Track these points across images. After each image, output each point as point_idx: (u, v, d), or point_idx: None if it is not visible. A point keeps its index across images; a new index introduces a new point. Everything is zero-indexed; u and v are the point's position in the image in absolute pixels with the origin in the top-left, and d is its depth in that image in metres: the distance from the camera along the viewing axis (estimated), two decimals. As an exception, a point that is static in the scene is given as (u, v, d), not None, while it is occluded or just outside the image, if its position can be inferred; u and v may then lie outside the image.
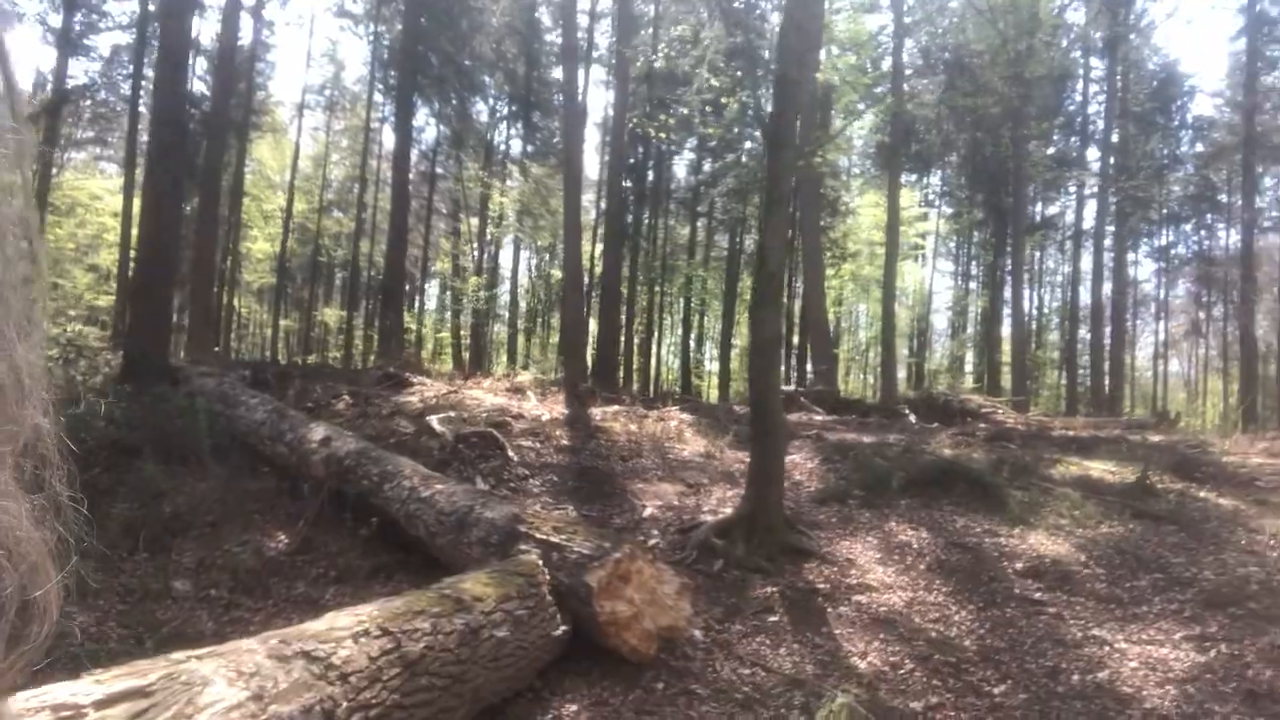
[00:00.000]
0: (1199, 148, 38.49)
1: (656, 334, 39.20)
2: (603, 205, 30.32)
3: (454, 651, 4.21)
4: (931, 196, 42.37)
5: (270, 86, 40.63)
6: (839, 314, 44.87)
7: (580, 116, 17.93)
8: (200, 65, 29.67)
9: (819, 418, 16.47)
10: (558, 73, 30.07)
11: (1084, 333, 35.98)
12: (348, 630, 3.73)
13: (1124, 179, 33.72)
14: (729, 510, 7.66)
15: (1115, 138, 35.09)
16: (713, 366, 43.73)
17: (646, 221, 38.83)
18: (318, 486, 7.53)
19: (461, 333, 38.80)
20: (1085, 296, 37.36)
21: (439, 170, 37.71)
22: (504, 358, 32.84)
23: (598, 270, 28.26)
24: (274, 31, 35.01)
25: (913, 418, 17.10)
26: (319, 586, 6.62)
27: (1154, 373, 43.10)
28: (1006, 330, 44.33)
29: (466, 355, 33.41)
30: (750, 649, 5.85)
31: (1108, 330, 32.70)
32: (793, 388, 20.94)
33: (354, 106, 39.12)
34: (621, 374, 31.72)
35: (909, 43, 29.91)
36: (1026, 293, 43.24)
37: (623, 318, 29.43)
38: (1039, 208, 39.66)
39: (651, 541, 7.39)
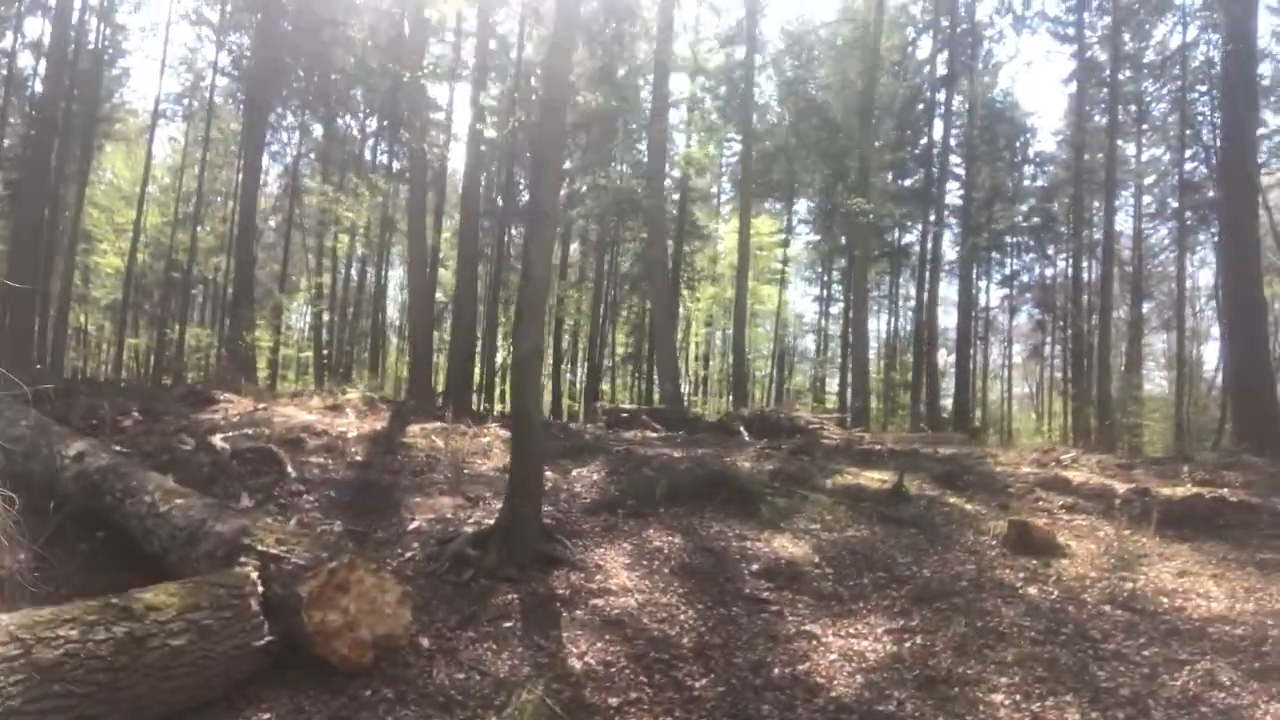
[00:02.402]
0: (1040, 182, 41.04)
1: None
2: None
3: (106, 659, 4.21)
4: (795, 223, 43.83)
5: (125, 95, 39.07)
6: (708, 335, 45.91)
7: (421, 134, 17.91)
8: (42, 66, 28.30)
9: (652, 435, 16.78)
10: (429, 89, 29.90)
11: (947, 355, 37.84)
12: (-34, 637, 3.70)
13: (974, 209, 35.65)
14: (492, 522, 7.79)
15: (963, 171, 37.10)
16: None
17: (518, 242, 38.88)
18: (61, 503, 7.33)
19: (324, 350, 37.98)
20: (944, 321, 39.30)
21: (309, 183, 36.93)
22: (365, 375, 32.24)
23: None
24: (127, 37, 33.57)
25: (746, 434, 17.59)
26: (45, 606, 6.44)
27: (1001, 395, 45.35)
28: (872, 353, 46.16)
29: (327, 372, 32.68)
30: (473, 654, 5.98)
31: (945, 355, 34.35)
32: (635, 406, 21.31)
33: (213, 117, 37.96)
34: (482, 395, 31.60)
35: (761, 76, 31.04)
36: (885, 317, 45.17)
37: (479, 339, 29.33)
38: (896, 235, 41.49)
39: (409, 554, 7.46)
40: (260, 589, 5.60)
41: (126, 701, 4.30)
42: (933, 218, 34.35)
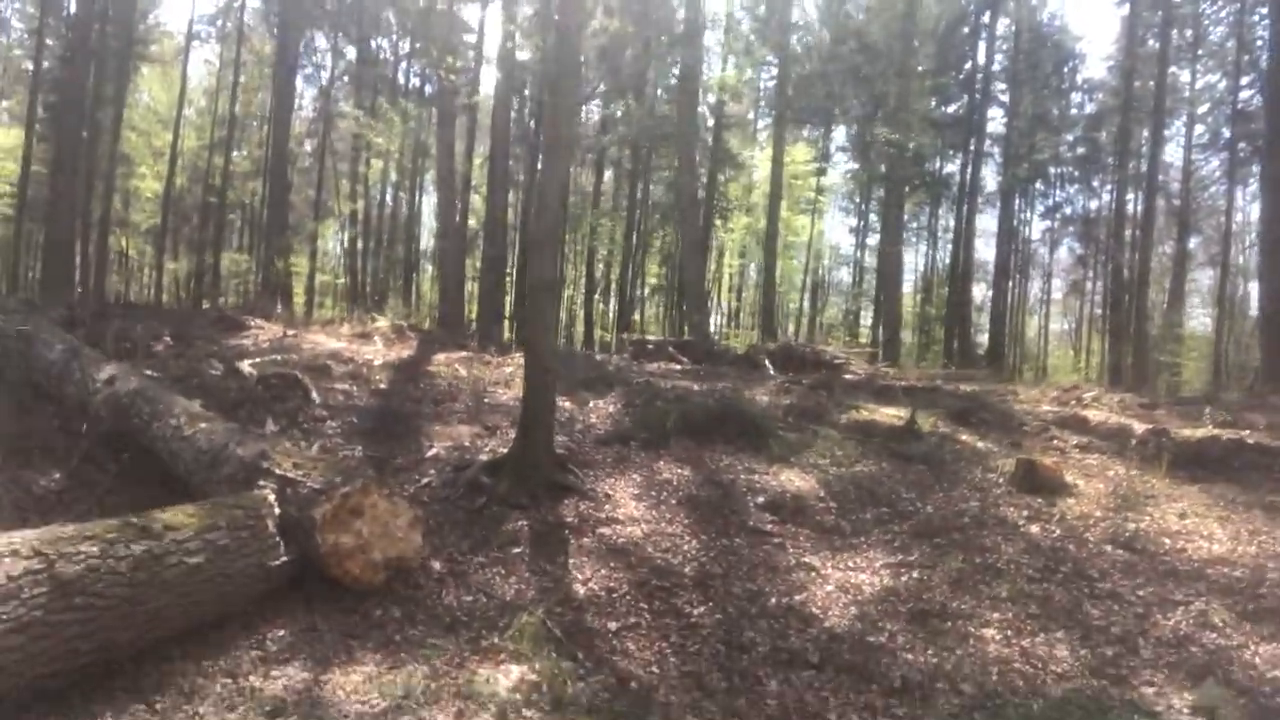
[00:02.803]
0: (1088, 109, 39.77)
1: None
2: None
3: (125, 575, 4.45)
4: (833, 151, 43.00)
5: (159, 16, 39.08)
6: (741, 266, 45.55)
7: (446, 60, 17.76)
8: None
9: (676, 367, 16.85)
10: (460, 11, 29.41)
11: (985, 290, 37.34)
12: (-4, 552, 3.95)
13: (1016, 138, 34.77)
14: (506, 451, 7.98)
15: (1007, 98, 36.08)
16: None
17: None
18: (92, 425, 7.63)
19: (360, 278, 38.32)
20: (984, 254, 38.70)
21: (343, 108, 36.80)
22: (397, 303, 32.53)
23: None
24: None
25: (770, 368, 17.63)
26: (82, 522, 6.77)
27: (1039, 331, 44.76)
28: (908, 286, 45.65)
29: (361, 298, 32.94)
30: (482, 578, 6.22)
31: (984, 290, 33.86)
32: (661, 338, 21.39)
33: (245, 39, 37.76)
34: (513, 325, 31.85)
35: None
36: (924, 249, 44.51)
37: (510, 268, 29.40)
38: (937, 165, 40.60)
39: (425, 480, 7.69)
40: (277, 511, 5.85)
41: (145, 615, 4.56)
42: (973, 146, 33.53)
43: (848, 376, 15.76)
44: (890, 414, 10.34)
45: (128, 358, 9.96)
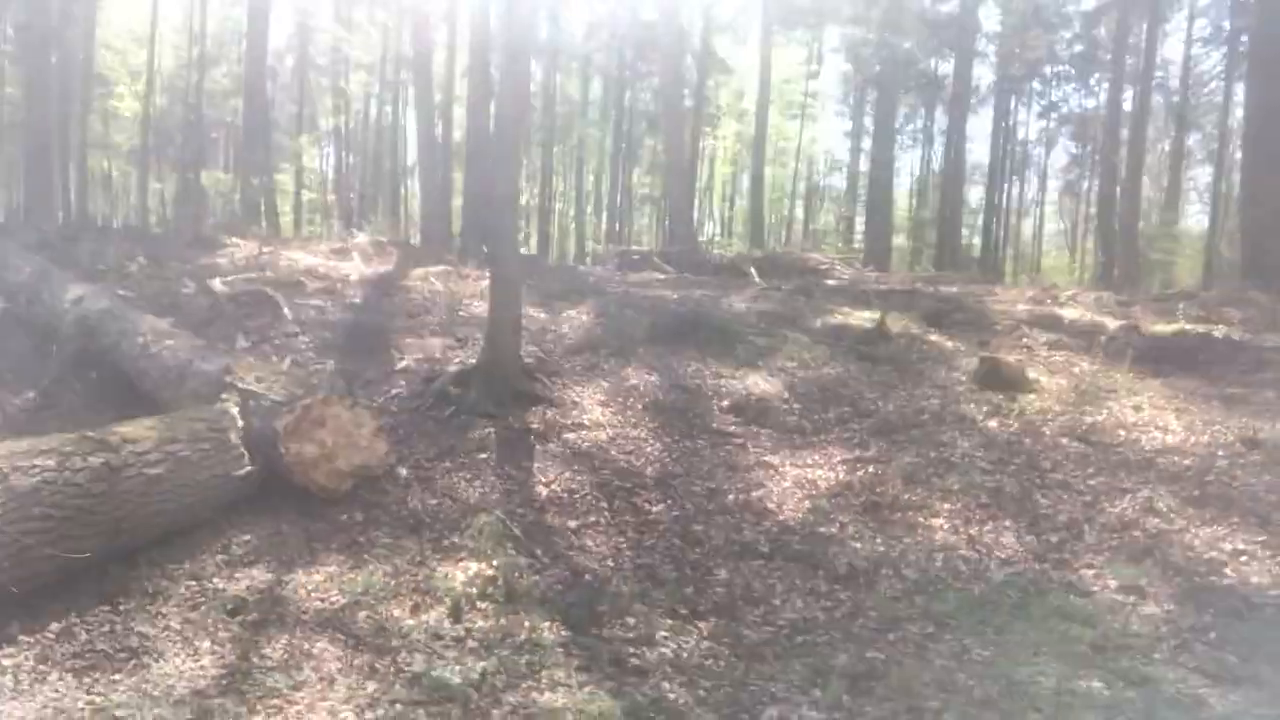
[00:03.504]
0: (1085, 5, 38.72)
1: (540, 195, 38.57)
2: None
3: (83, 486, 4.57)
4: (825, 53, 42.04)
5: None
6: (733, 174, 45.02)
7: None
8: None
9: (660, 276, 16.83)
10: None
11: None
12: (-54, 465, 4.05)
13: (1019, 35, 33.96)
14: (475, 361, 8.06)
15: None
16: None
17: (539, 77, 37.89)
18: (63, 345, 7.70)
19: (350, 194, 37.96)
20: (980, 156, 38.21)
21: (323, 20, 35.87)
22: (377, 218, 32.22)
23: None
24: None
25: (755, 275, 17.61)
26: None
27: (1034, 232, 44.42)
28: (904, 189, 45.16)
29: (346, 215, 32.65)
30: (447, 483, 6.37)
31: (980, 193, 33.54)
32: (647, 248, 21.33)
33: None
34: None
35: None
36: (919, 152, 43.87)
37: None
38: (933, 65, 39.72)
39: (395, 391, 7.79)
40: (240, 423, 5.95)
41: (107, 524, 4.70)
42: (967, 45, 32.71)
43: (830, 282, 15.78)
44: (865, 317, 10.40)
45: (101, 278, 9.97)
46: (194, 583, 4.82)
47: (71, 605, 4.37)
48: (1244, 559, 5.57)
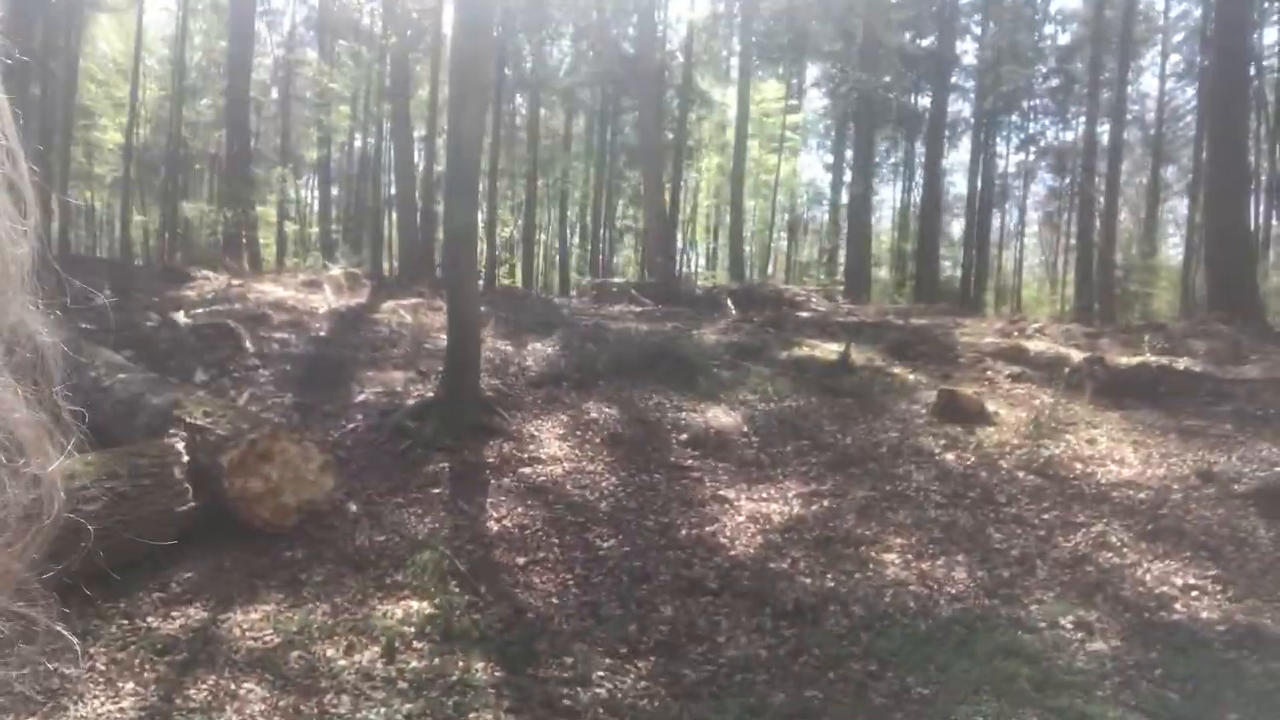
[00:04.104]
0: (1063, 40, 39.36)
1: (524, 228, 38.69)
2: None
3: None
4: (806, 87, 42.53)
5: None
6: (717, 206, 45.25)
7: None
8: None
9: (636, 309, 16.83)
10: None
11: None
12: None
13: (994, 70, 34.42)
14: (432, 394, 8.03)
15: (980, 30, 35.69)
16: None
17: (524, 111, 38.17)
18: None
19: (332, 226, 38.01)
20: (961, 188, 38.59)
21: (310, 53, 36.09)
22: (348, 251, 32.28)
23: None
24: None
25: (731, 307, 17.64)
26: None
27: (1014, 264, 44.76)
28: (887, 222, 45.48)
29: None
30: (397, 519, 6.30)
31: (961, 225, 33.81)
32: (624, 280, 21.38)
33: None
34: (489, 271, 31.73)
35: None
36: (900, 185, 44.26)
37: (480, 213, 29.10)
38: (912, 99, 40.19)
39: (352, 425, 7.74)
40: (185, 459, 5.88)
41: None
42: (944, 81, 33.18)
43: (804, 314, 15.81)
44: (831, 349, 10.41)
45: (65, 311, 9.88)
46: (126, 621, 4.74)
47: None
48: (1194, 594, 5.55)
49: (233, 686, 4.16)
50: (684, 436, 7.62)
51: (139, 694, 4.04)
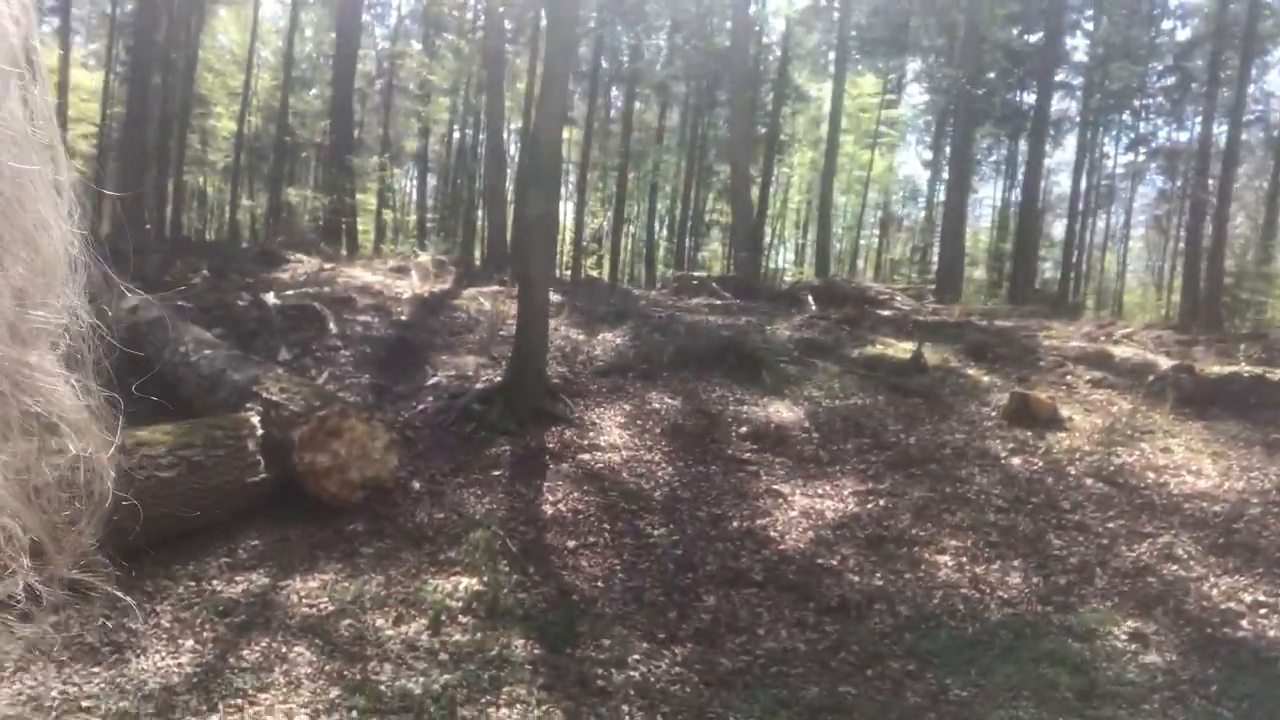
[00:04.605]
0: (1181, 36, 37.60)
1: (613, 220, 38.94)
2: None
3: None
4: (907, 82, 41.67)
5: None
6: (809, 201, 44.73)
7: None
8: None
9: (716, 302, 16.83)
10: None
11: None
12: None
13: (1103, 67, 33.17)
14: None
15: (1091, 25, 34.38)
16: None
17: (619, 105, 38.51)
18: (114, 352, 8.10)
19: (428, 215, 38.98)
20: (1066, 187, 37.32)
21: (414, 45, 37.06)
22: (440, 238, 32.99)
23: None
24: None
25: (812, 303, 17.49)
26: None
27: (1118, 267, 43.07)
28: (986, 221, 44.31)
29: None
30: (457, 498, 6.49)
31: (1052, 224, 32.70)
32: (705, 274, 21.38)
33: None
34: (578, 261, 32.13)
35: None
36: (1000, 183, 42.99)
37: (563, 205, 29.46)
38: (1016, 96, 38.97)
39: (422, 406, 7.98)
40: (259, 432, 6.18)
41: (113, 524, 4.92)
42: (1049, 78, 32.08)
43: (885, 312, 15.55)
44: (905, 348, 10.24)
45: (164, 289, 10.45)
46: (193, 583, 5.03)
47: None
48: (1263, 611, 5.33)
49: (284, 649, 4.38)
50: (744, 430, 7.62)
51: (197, 651, 4.29)
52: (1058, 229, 41.11)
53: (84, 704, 3.66)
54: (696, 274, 21.27)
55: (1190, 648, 4.95)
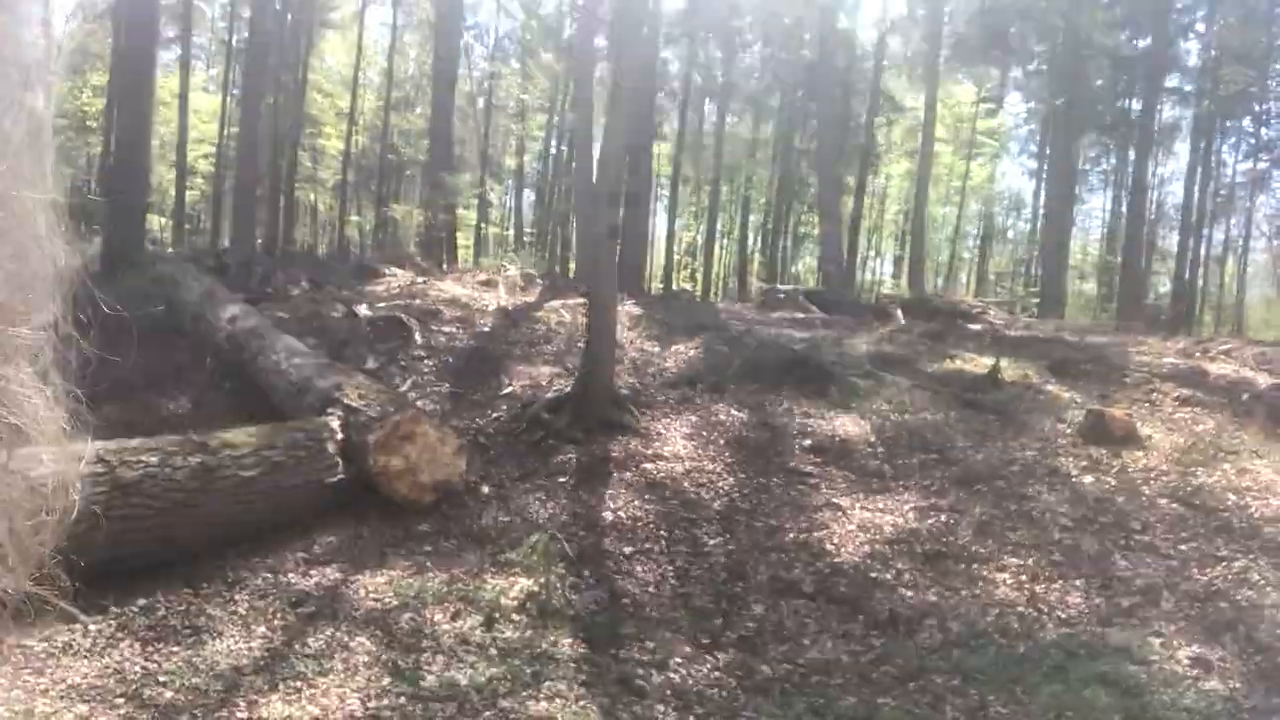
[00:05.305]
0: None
1: (706, 233, 39.06)
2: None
3: (180, 482, 5.22)
4: (1010, 90, 40.60)
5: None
6: (904, 212, 43.94)
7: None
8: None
9: (799, 315, 16.82)
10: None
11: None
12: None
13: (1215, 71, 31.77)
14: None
15: (1202, 27, 32.96)
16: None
17: (713, 120, 38.74)
18: (217, 358, 8.66)
19: (525, 230, 39.89)
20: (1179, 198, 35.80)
21: (514, 64, 38.12)
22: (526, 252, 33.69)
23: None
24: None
25: (900, 318, 17.28)
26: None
27: (1237, 281, 40.90)
28: (1096, 234, 42.77)
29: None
30: (522, 503, 6.73)
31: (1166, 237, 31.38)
32: (792, 287, 21.32)
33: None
34: (671, 275, 32.41)
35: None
36: (1109, 194, 41.45)
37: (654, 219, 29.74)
38: (1126, 103, 37.60)
39: (495, 414, 8.28)
40: (339, 436, 6.55)
41: (200, 517, 5.33)
42: (1158, 84, 30.88)
43: (974, 326, 15.27)
44: (985, 364, 10.07)
45: (263, 300, 11.08)
46: (270, 575, 5.37)
47: (161, 586, 4.99)
48: (1341, 643, 5.10)
49: (346, 639, 4.65)
50: (807, 443, 7.65)
51: (267, 637, 4.61)
52: (1172, 242, 39.41)
53: (160, 679, 3.99)
54: (783, 287, 21.22)
55: (1258, 676, 4.78)
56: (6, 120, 0.42)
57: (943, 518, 6.48)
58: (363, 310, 10.83)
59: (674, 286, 33.37)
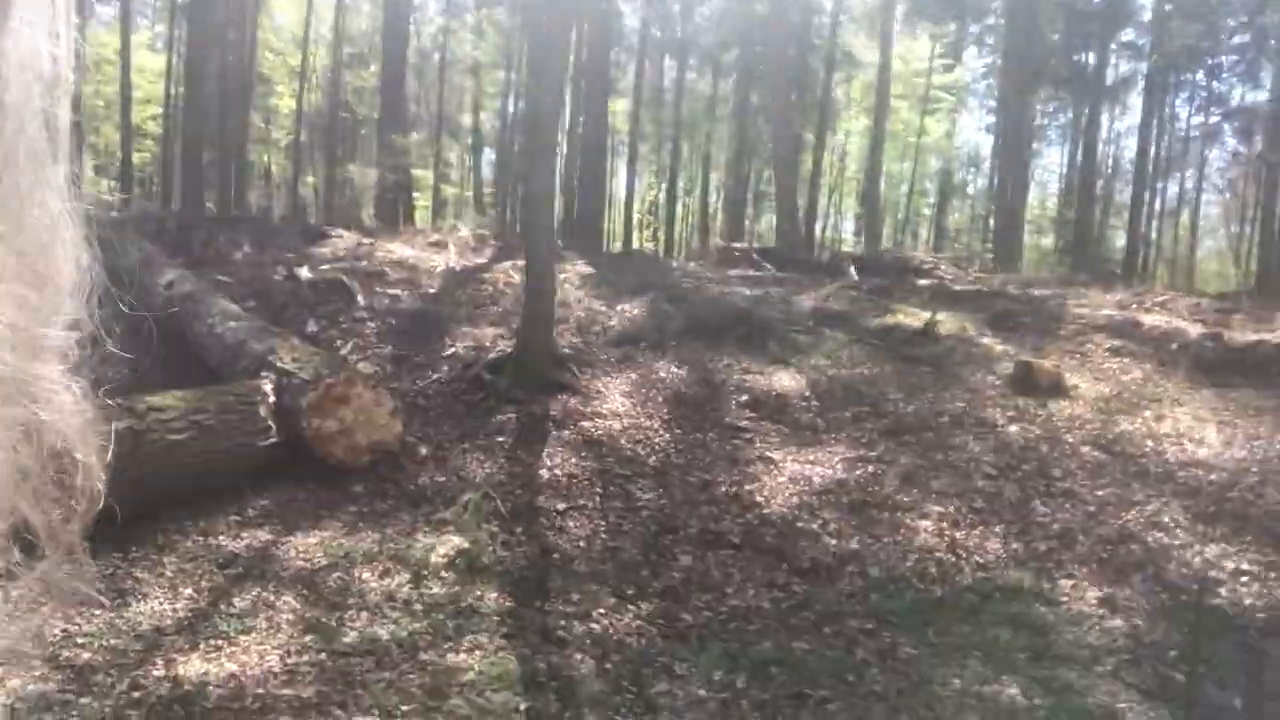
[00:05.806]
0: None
1: (667, 192, 38.94)
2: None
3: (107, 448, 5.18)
4: (965, 45, 40.60)
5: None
6: (865, 168, 44.00)
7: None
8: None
9: (753, 273, 16.86)
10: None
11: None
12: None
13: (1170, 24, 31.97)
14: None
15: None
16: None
17: (672, 75, 38.38)
18: (153, 324, 8.57)
19: (484, 190, 39.48)
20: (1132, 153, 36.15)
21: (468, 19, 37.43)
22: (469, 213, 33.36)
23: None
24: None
25: (854, 274, 17.40)
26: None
27: (1189, 235, 41.55)
28: (1054, 187, 43.13)
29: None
30: (460, 463, 6.78)
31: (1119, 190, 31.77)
32: (747, 245, 21.38)
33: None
34: (630, 234, 32.28)
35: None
36: (1065, 149, 41.77)
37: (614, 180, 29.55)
38: (1084, 58, 37.77)
39: (436, 375, 8.29)
40: (271, 399, 6.54)
41: (128, 482, 5.30)
42: (1110, 38, 31.07)
43: (923, 282, 15.42)
44: (925, 317, 10.22)
45: (205, 264, 10.94)
46: (201, 538, 5.39)
47: (88, 550, 4.98)
48: (1244, 579, 5.34)
49: (272, 599, 4.70)
50: (744, 398, 7.76)
51: (193, 599, 4.65)
52: (1128, 195, 39.90)
53: (79, 640, 4.02)
54: (737, 245, 21.28)
55: (1160, 614, 4.99)
56: (31, 129, 0.43)
57: (870, 468, 6.63)
58: (304, 273, 10.72)
59: (636, 246, 33.27)
